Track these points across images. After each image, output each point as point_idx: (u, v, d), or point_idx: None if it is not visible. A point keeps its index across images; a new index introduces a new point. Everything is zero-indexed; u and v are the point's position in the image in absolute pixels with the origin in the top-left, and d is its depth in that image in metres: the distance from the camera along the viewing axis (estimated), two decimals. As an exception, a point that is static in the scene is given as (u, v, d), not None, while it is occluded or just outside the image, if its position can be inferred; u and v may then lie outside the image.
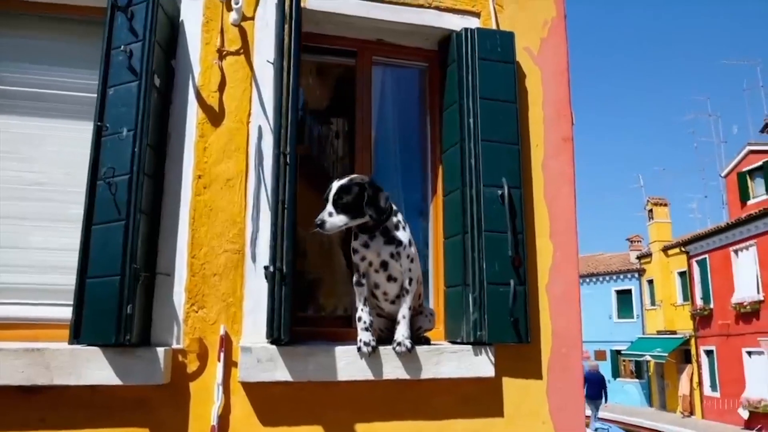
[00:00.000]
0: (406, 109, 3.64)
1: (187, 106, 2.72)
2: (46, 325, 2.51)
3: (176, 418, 2.41)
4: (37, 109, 2.71)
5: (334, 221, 2.31)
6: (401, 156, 3.62)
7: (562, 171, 3.18)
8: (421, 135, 3.53)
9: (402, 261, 2.54)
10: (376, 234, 2.51)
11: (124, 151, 2.41)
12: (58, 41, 2.79)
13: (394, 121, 3.64)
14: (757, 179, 21.98)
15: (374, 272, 2.56)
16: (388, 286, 2.58)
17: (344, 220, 2.32)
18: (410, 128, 3.63)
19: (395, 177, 3.54)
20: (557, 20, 3.44)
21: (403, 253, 2.54)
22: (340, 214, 2.31)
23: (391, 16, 3.18)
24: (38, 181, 2.66)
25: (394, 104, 3.64)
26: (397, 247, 2.52)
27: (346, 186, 2.35)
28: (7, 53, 2.72)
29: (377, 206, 2.36)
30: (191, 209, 2.62)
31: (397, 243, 2.52)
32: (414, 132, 3.60)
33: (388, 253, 2.51)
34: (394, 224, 2.55)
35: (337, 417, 2.57)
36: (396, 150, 3.61)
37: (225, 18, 2.85)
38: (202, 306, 2.55)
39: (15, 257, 2.61)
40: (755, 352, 20.23)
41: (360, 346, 2.50)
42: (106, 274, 2.30)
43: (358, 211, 2.34)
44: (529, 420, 2.80)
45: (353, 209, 2.33)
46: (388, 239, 2.51)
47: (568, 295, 3.01)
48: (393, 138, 3.62)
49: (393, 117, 3.64)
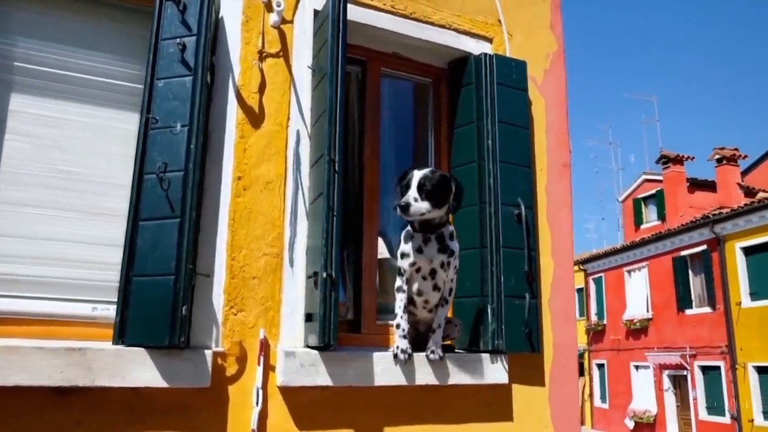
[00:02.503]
0: (402, 121, 3.76)
1: (227, 105, 2.69)
2: (72, 322, 2.38)
3: (215, 421, 2.37)
4: (70, 93, 2.55)
5: (419, 206, 2.33)
6: (398, 167, 3.73)
7: (563, 194, 3.44)
8: (418, 148, 3.67)
9: (449, 271, 2.61)
10: (432, 238, 2.55)
11: (176, 147, 2.35)
12: (95, 25, 2.65)
13: (391, 132, 3.75)
14: (650, 206, 24.13)
15: (421, 279, 2.60)
16: (431, 294, 2.64)
17: (427, 207, 2.35)
18: (407, 140, 3.75)
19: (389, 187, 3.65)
20: (557, 53, 3.73)
21: (452, 263, 2.60)
22: (425, 200, 2.34)
23: (414, 32, 3.31)
24: (69, 170, 2.50)
25: (391, 115, 3.75)
26: (449, 257, 2.57)
27: (431, 175, 2.39)
28: (43, 33, 2.55)
29: (460, 199, 2.44)
30: (231, 210, 2.58)
31: (450, 252, 2.57)
32: (408, 144, 3.73)
33: (440, 261, 2.56)
34: (449, 233, 2.59)
35: (369, 421, 2.63)
36: (393, 161, 3.72)
37: (265, 19, 2.85)
38: (241, 309, 2.52)
39: (26, 248, 2.43)
40: (642, 366, 22.14)
41: (397, 353, 2.58)
42: (158, 273, 2.23)
43: (439, 200, 2.38)
44: (534, 424, 3.00)
45: (436, 198, 2.36)
46: (442, 247, 2.55)
47: (567, 309, 3.26)
48: (389, 148, 3.72)
49: (390, 128, 3.75)
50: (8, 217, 2.36)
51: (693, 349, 19.56)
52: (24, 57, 2.49)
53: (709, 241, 19.05)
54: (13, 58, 2.47)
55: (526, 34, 3.64)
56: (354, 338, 2.96)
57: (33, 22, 2.54)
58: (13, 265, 2.34)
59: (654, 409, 21.32)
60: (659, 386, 21.28)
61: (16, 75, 2.47)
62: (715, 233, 18.60)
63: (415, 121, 3.73)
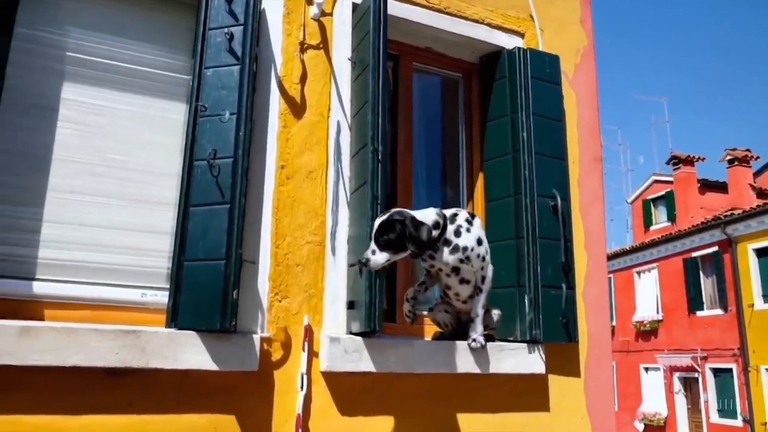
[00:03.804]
0: (432, 115, 3.79)
1: (270, 96, 2.72)
2: (122, 308, 2.41)
3: (262, 405, 2.40)
4: (118, 83, 2.59)
5: (377, 259, 2.28)
6: (427, 161, 3.76)
7: (594, 188, 3.46)
8: (448, 142, 3.69)
9: (474, 263, 2.57)
10: (438, 245, 2.50)
11: (225, 134, 2.39)
12: (142, 16, 2.69)
13: (421, 126, 3.77)
14: (660, 207, 24.05)
15: (446, 276, 2.61)
16: (460, 288, 2.65)
17: (386, 257, 2.29)
18: (437, 134, 3.78)
19: (421, 180, 3.68)
20: (588, 48, 3.75)
21: (473, 255, 2.55)
22: (383, 251, 2.29)
23: (448, 26, 3.34)
24: (116, 158, 2.54)
25: (421, 109, 3.78)
26: (464, 252, 2.53)
27: (387, 223, 2.32)
28: (92, 23, 2.59)
29: (419, 241, 2.34)
30: (275, 199, 2.62)
31: (463, 249, 2.52)
32: (438, 138, 3.76)
33: (457, 260, 2.52)
34: (454, 231, 2.53)
35: (409, 407, 2.66)
36: (423, 155, 3.75)
37: (306, 12, 2.89)
38: (285, 296, 2.55)
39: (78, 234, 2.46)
40: (652, 368, 22.06)
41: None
42: (209, 258, 2.26)
43: (400, 246, 2.32)
44: (570, 415, 3.02)
45: (395, 245, 2.31)
46: (453, 248, 2.51)
47: (600, 302, 3.28)
48: (420, 142, 3.75)
49: (420, 122, 3.77)
50: (61, 204, 2.40)
51: (704, 351, 19.48)
52: (74, 47, 2.53)
53: (720, 243, 18.97)
54: (64, 48, 2.51)
55: (556, 29, 3.66)
56: (389, 327, 2.98)
57: (82, 12, 2.58)
58: (66, 251, 2.38)
59: (664, 411, 21.23)
60: (669, 388, 21.19)
61: (67, 65, 2.51)
62: (727, 234, 18.53)
63: (445, 116, 3.76)
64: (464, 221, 2.59)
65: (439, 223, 2.45)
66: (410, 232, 2.29)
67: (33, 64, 2.44)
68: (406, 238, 2.28)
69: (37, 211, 2.35)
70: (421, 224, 2.34)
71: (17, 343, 2.01)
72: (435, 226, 2.43)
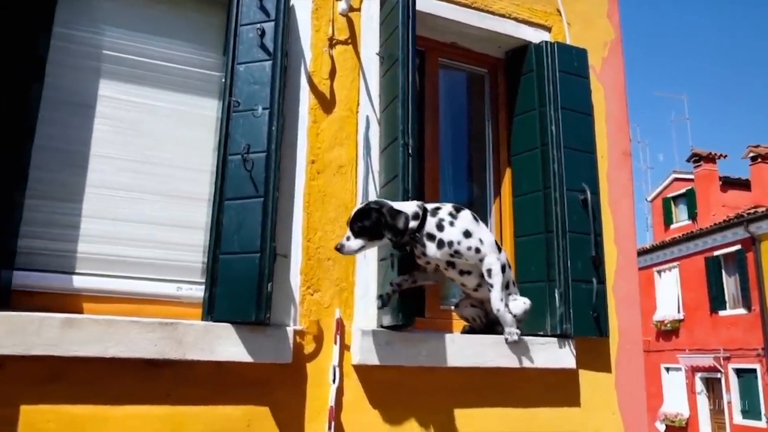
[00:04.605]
0: (457, 111, 3.78)
1: (300, 91, 2.75)
2: (158, 301, 2.45)
3: (294, 397, 2.42)
4: (152, 80, 2.63)
5: (350, 245, 2.31)
6: (453, 156, 3.75)
7: (624, 182, 3.43)
8: (474, 137, 3.68)
9: (465, 256, 2.48)
10: (425, 241, 2.46)
11: (258, 129, 2.41)
12: (174, 14, 2.73)
13: (447, 122, 3.77)
14: (680, 205, 23.71)
15: (444, 270, 2.57)
16: (463, 279, 2.60)
17: (361, 243, 2.32)
18: (463, 130, 3.77)
19: (447, 176, 3.67)
20: (615, 42, 3.72)
21: (462, 248, 2.46)
22: (357, 238, 2.32)
23: (475, 21, 3.33)
24: (151, 154, 2.58)
25: (446, 105, 3.77)
26: (450, 247, 2.45)
27: (362, 211, 2.35)
28: (127, 22, 2.63)
29: (395, 229, 2.34)
30: (306, 193, 2.64)
31: (448, 243, 2.45)
32: (464, 133, 3.75)
33: (446, 254, 2.47)
34: (436, 225, 2.47)
35: (439, 401, 2.66)
36: (449, 150, 3.74)
37: (334, 7, 2.91)
38: (317, 289, 2.57)
39: (115, 229, 2.50)
40: (673, 368, 21.77)
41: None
42: (244, 251, 2.29)
43: (375, 234, 2.34)
44: (601, 411, 2.99)
45: (370, 233, 2.33)
46: (438, 243, 2.46)
47: (630, 297, 3.25)
48: (446, 138, 3.74)
49: (446, 117, 3.77)
50: (99, 200, 2.44)
51: (727, 351, 19.17)
52: (110, 45, 2.58)
53: (743, 241, 18.65)
54: (100, 46, 2.56)
55: (583, 23, 3.64)
56: (418, 321, 2.98)
57: (118, 11, 2.62)
58: (104, 245, 2.42)
59: (686, 412, 20.93)
60: (691, 389, 20.90)
61: (104, 62, 2.56)
62: (750, 233, 18.20)
63: (470, 111, 3.75)
64: (447, 215, 2.52)
65: (418, 215, 2.42)
66: (386, 221, 2.31)
67: (71, 62, 2.49)
68: (382, 226, 2.31)
69: (76, 207, 2.40)
70: (398, 213, 2.35)
71: (60, 335, 2.05)
72: (414, 217, 2.41)
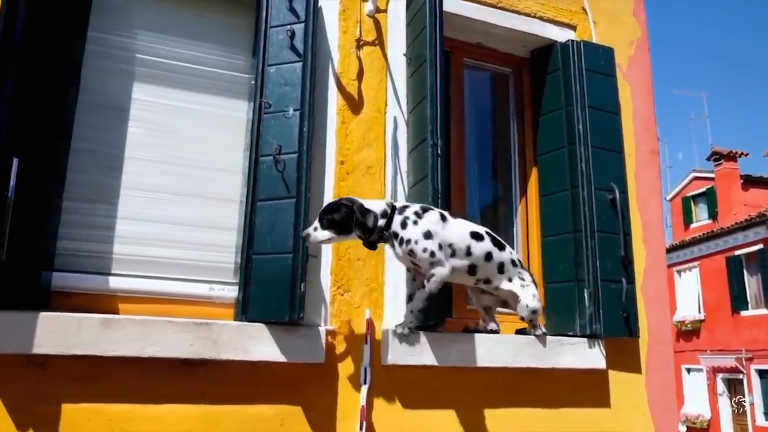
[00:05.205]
0: (482, 111, 3.76)
1: (328, 92, 2.76)
2: (191, 302, 2.47)
3: (326, 397, 2.43)
4: (182, 83, 2.67)
5: (317, 235, 2.30)
6: (478, 156, 3.74)
7: (651, 181, 3.40)
8: (499, 137, 3.66)
9: (418, 256, 2.38)
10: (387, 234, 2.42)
11: (289, 130, 2.43)
12: (203, 17, 2.76)
13: (470, 122, 3.75)
14: (700, 204, 23.39)
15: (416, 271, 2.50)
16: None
17: (328, 235, 2.31)
18: (488, 130, 3.75)
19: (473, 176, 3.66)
20: (642, 40, 3.69)
21: (417, 248, 2.37)
22: (325, 229, 2.31)
23: (501, 20, 3.32)
24: (182, 155, 2.61)
25: (471, 105, 3.76)
26: (407, 245, 2.38)
27: (333, 204, 2.35)
28: (158, 26, 2.67)
29: (364, 226, 2.34)
30: (335, 194, 2.65)
31: (407, 241, 2.39)
32: (489, 133, 3.73)
33: (406, 252, 2.40)
34: (401, 223, 2.42)
35: (469, 401, 2.66)
36: (474, 150, 3.73)
37: (361, 8, 2.92)
38: (347, 290, 2.58)
39: (148, 230, 2.53)
40: (694, 369, 21.48)
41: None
42: (277, 251, 2.31)
43: (343, 228, 2.33)
44: (632, 412, 2.97)
45: (339, 226, 2.32)
46: (399, 241, 2.42)
47: (660, 297, 3.22)
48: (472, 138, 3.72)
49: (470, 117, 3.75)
50: (133, 201, 2.48)
51: (749, 352, 18.87)
52: (143, 49, 2.62)
53: (765, 240, 18.36)
54: (133, 50, 2.60)
55: (609, 21, 3.61)
56: (448, 322, 2.98)
57: (149, 15, 2.66)
58: (138, 246, 2.46)
59: (707, 413, 20.65)
60: (713, 390, 20.60)
61: (137, 66, 2.59)
62: (773, 232, 17.93)
63: (495, 111, 3.74)
64: (413, 214, 2.45)
65: (386, 213, 2.41)
66: (357, 218, 2.31)
67: (105, 66, 2.53)
68: (352, 222, 2.32)
69: (111, 209, 2.44)
70: (368, 211, 2.36)
71: (99, 335, 2.09)
72: (382, 215, 2.40)
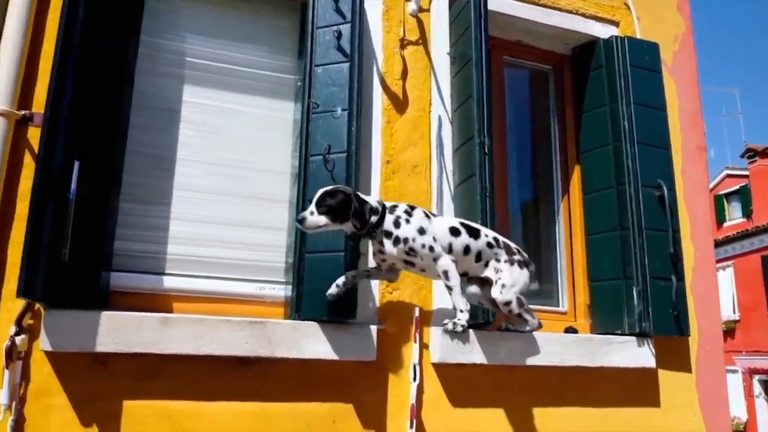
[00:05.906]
0: (521, 109, 3.73)
1: (373, 92, 2.77)
2: (241, 301, 2.51)
3: (377, 395, 2.45)
4: (229, 84, 2.71)
5: (314, 219, 2.23)
6: (518, 154, 3.70)
7: (699, 178, 3.34)
8: (539, 135, 3.63)
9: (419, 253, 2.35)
10: (382, 239, 2.35)
11: (337, 130, 2.44)
12: (249, 20, 2.80)
13: (511, 120, 3.72)
14: (733, 202, 22.85)
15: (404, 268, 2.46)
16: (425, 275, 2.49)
17: (325, 221, 2.24)
18: (528, 128, 3.72)
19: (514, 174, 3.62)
20: (686, 35, 3.62)
21: (416, 245, 2.34)
22: (322, 215, 2.25)
23: (542, 18, 3.30)
24: (232, 156, 2.64)
25: (511, 103, 3.72)
26: (405, 244, 2.34)
27: (331, 191, 2.28)
28: (205, 29, 2.72)
29: (363, 217, 2.30)
30: (381, 193, 2.66)
31: (404, 240, 2.35)
32: (529, 131, 3.70)
33: (402, 252, 2.35)
34: (393, 222, 2.37)
35: (518, 400, 2.64)
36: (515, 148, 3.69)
37: (404, 8, 2.93)
38: (396, 288, 2.59)
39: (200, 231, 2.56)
40: (730, 370, 20.96)
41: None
42: (329, 250, 2.33)
43: (340, 216, 2.27)
44: (682, 411, 2.92)
45: (335, 214, 2.26)
46: (394, 240, 2.36)
47: (710, 295, 3.16)
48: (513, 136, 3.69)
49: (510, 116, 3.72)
50: (185, 202, 2.52)
51: (787, 353, 18.38)
52: (192, 52, 2.66)
53: (803, 238, 17.87)
54: (183, 53, 2.65)
55: (653, 16, 3.56)
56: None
57: (198, 19, 2.71)
58: (190, 246, 2.50)
59: (743, 416, 20.14)
60: (749, 392, 20.10)
61: (187, 69, 2.64)
62: (812, 230, 17.42)
63: (534, 109, 3.71)
64: (403, 212, 2.42)
65: (378, 210, 2.35)
66: (355, 207, 2.26)
67: (156, 69, 2.58)
68: (349, 210, 2.27)
69: (165, 210, 2.48)
70: (365, 202, 2.32)
71: (157, 333, 2.13)
72: (374, 212, 2.35)
